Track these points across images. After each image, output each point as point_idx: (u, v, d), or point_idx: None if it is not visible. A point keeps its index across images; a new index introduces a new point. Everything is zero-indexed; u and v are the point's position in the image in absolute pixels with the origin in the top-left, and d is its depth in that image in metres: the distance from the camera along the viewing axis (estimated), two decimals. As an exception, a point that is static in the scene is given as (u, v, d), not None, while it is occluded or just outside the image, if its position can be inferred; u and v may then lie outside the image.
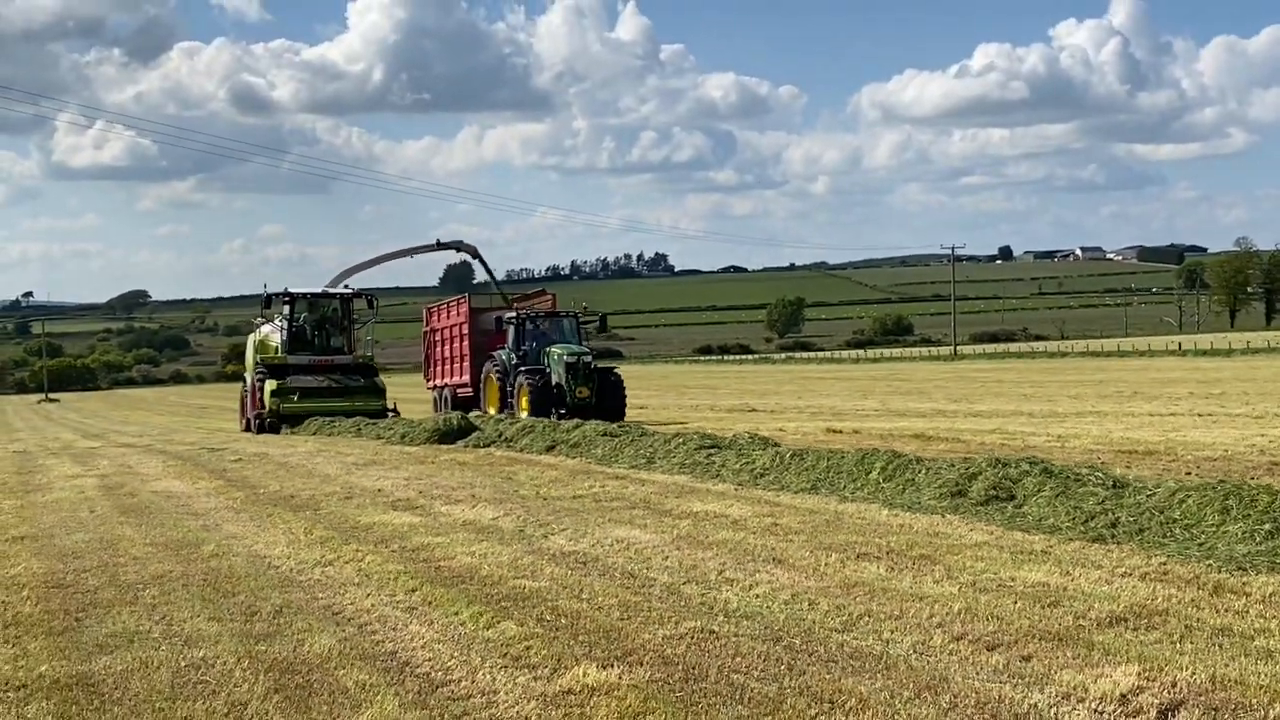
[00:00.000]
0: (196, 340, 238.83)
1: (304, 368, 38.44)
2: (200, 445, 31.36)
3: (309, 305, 39.91)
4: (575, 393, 33.22)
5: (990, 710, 6.81)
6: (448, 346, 42.08)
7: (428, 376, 44.35)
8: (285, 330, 39.22)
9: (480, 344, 38.84)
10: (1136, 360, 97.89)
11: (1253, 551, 10.43)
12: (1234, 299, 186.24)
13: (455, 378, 40.86)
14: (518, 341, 35.40)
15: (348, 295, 41.24)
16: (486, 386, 36.34)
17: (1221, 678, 7.12)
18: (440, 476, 19.61)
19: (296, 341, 39.24)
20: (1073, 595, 9.38)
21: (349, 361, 39.45)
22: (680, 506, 14.91)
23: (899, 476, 15.36)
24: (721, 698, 7.19)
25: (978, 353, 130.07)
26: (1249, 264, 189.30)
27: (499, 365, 35.55)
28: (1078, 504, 12.81)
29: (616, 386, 34.62)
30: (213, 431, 42.18)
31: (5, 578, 11.93)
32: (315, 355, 39.08)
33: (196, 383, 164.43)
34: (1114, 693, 6.94)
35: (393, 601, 10.17)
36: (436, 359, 43.33)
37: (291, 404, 37.16)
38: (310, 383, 37.93)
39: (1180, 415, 32.54)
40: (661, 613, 9.34)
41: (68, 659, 8.66)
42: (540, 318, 36.68)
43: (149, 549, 13.39)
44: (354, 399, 37.73)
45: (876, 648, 8.14)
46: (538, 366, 34.36)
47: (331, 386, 38.14)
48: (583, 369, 33.63)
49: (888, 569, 10.63)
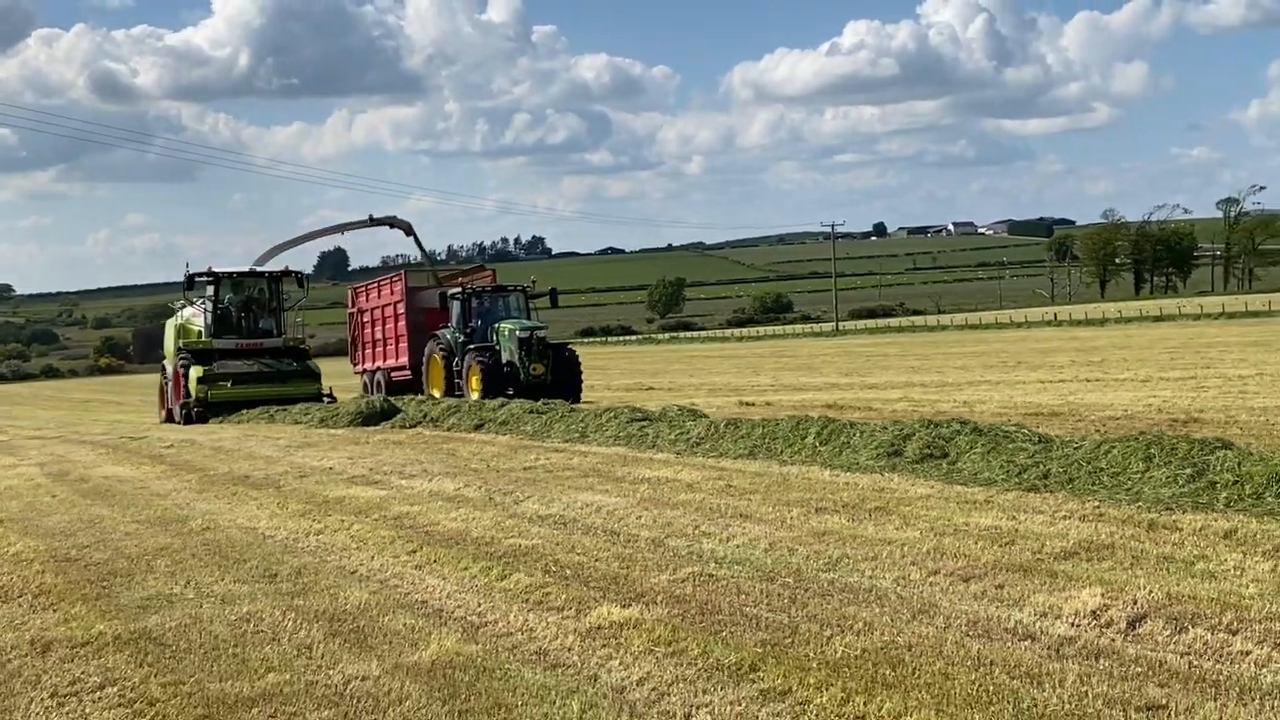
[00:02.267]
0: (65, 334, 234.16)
1: (231, 352, 36.65)
2: (116, 435, 31.48)
3: (234, 285, 38.09)
4: (530, 370, 31.94)
5: (982, 627, 7.80)
6: (379, 328, 40.28)
7: (355, 360, 42.74)
8: (210, 313, 37.34)
9: (418, 324, 37.17)
10: (1014, 331, 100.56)
11: (1177, 494, 11.56)
12: (1103, 270, 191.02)
13: (390, 360, 39.25)
14: (464, 319, 33.72)
15: (276, 274, 39.52)
16: (430, 368, 34.91)
17: (1175, 594, 8.18)
18: (382, 455, 20.22)
19: (222, 324, 37.36)
20: (1024, 535, 10.41)
21: (279, 344, 37.67)
22: (631, 474, 15.74)
23: (835, 440, 16.32)
24: (741, 625, 8.11)
25: (859, 328, 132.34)
26: (1117, 235, 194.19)
27: (444, 345, 34.07)
28: (1009, 459, 13.89)
29: (572, 363, 33.43)
30: (113, 424, 41.98)
31: (8, 555, 12.48)
32: (243, 339, 37.26)
33: (69, 376, 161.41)
34: (1085, 609, 7.95)
35: (400, 561, 10.94)
36: (366, 341, 41.56)
37: (221, 391, 35.49)
38: (239, 368, 36.21)
39: (1069, 381, 34.07)
40: (656, 562, 10.23)
41: (118, 619, 9.32)
42: (487, 293, 35.05)
43: (136, 525, 13.97)
44: (287, 384, 36.11)
45: (864, 583, 9.12)
46: (487, 344, 32.94)
47: (263, 371, 36.47)
48: (537, 345, 32.34)
49: (849, 520, 11.60)
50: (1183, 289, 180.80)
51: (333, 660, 7.85)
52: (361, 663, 7.74)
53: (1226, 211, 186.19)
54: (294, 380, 36.44)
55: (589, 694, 6.88)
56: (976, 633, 7.70)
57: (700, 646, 7.62)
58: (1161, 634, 7.41)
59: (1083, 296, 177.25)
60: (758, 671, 7.08)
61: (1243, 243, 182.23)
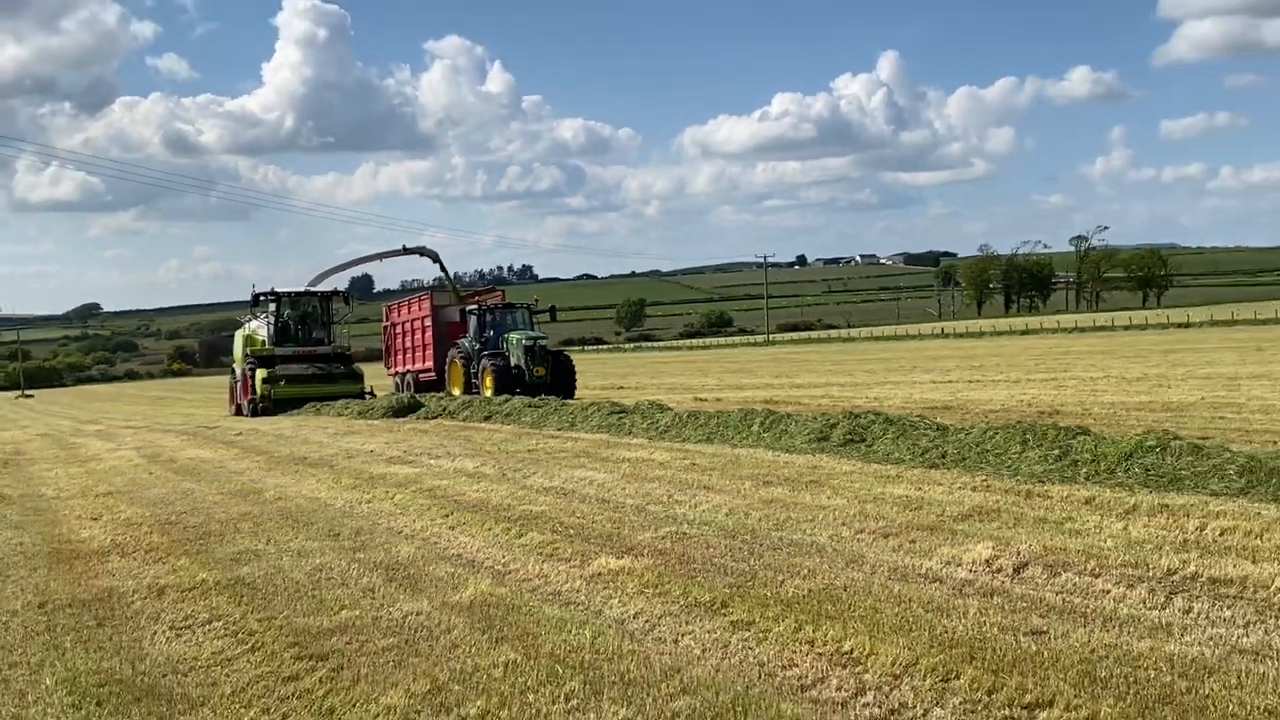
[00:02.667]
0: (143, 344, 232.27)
1: (290, 357, 36.36)
2: (193, 425, 31.35)
3: (292, 303, 37.72)
4: (533, 372, 31.74)
5: (900, 572, 8.02)
6: (410, 337, 39.75)
7: (389, 364, 41.94)
8: (272, 325, 37.09)
9: (441, 334, 37.08)
10: (910, 342, 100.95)
11: (1047, 469, 11.80)
12: (980, 293, 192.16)
13: (418, 364, 38.68)
14: (480, 330, 33.81)
15: (327, 294, 39.16)
16: (451, 370, 34.58)
17: (1050, 547, 8.41)
18: (412, 441, 20.27)
19: (282, 335, 37.09)
20: (929, 502, 10.62)
21: (329, 351, 37.38)
22: (615, 454, 15.89)
23: (775, 428, 16.53)
24: (712, 572, 8.30)
25: (786, 339, 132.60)
26: (991, 265, 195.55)
27: (463, 351, 33.90)
28: (914, 442, 14.12)
29: (568, 367, 33.35)
30: (187, 417, 41.75)
31: (120, 519, 12.52)
32: (299, 346, 36.95)
33: (147, 378, 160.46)
34: (980, 559, 8.18)
35: (436, 524, 11.05)
36: (398, 349, 40.90)
37: (281, 389, 35.14)
38: (297, 370, 35.96)
39: (955, 382, 34.30)
40: (640, 523, 10.39)
41: (216, 569, 9.43)
42: (499, 309, 35.02)
43: (221, 496, 14.01)
44: (336, 384, 35.88)
45: (805, 539, 9.31)
46: (498, 351, 32.82)
47: (316, 373, 36.20)
48: (539, 351, 32.18)
49: (789, 490, 11.80)
50: (1043, 308, 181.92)
51: (391, 600, 8.00)
52: (415, 601, 7.89)
53: (1078, 247, 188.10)
54: (342, 381, 36.23)
55: (596, 624, 7.07)
56: (896, 577, 7.92)
57: (681, 588, 7.81)
58: (1040, 577, 7.64)
59: (964, 314, 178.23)
60: (727, 608, 7.26)
61: (1090, 271, 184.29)
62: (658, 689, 5.73)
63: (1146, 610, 6.71)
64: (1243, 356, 40.05)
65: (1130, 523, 9.11)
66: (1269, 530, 8.38)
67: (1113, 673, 5.58)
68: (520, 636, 6.87)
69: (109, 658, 7.01)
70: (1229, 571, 7.34)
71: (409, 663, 6.45)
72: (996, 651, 6.03)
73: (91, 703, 6.15)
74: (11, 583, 9.44)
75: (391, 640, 6.95)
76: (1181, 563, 7.67)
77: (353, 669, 6.40)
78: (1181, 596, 6.92)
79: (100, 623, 7.92)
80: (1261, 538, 8.20)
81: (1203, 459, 11.00)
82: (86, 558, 10.42)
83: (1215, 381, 26.83)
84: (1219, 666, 5.59)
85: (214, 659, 6.86)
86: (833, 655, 6.19)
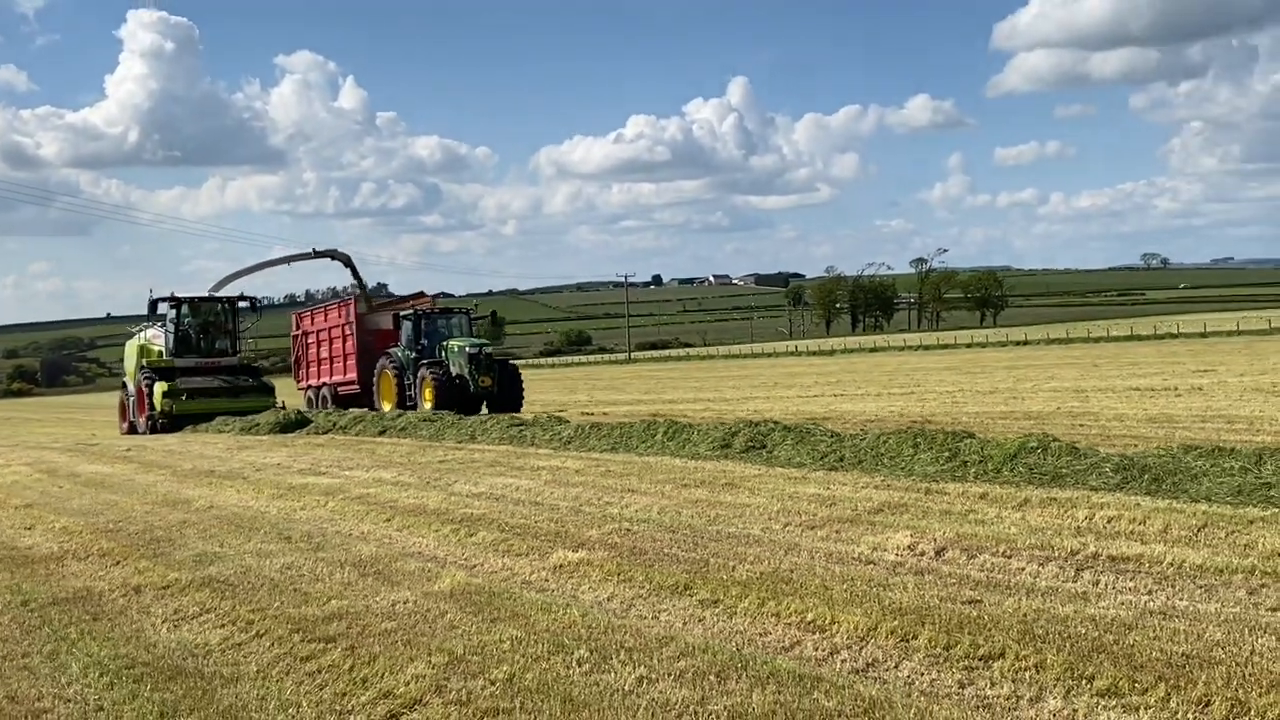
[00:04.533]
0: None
1: (192, 369, 33.63)
2: (70, 443, 30.64)
3: (193, 310, 34.84)
4: (479, 382, 29.44)
5: (836, 557, 8.83)
6: (326, 347, 36.79)
7: (300, 378, 38.87)
8: (171, 334, 34.20)
9: (366, 343, 34.37)
10: (765, 359, 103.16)
11: (939, 470, 12.76)
12: (828, 312, 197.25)
13: (337, 376, 35.87)
14: (415, 337, 31.10)
15: (232, 299, 36.06)
16: (381, 382, 32.12)
17: (962, 534, 9.30)
18: (314, 454, 20.39)
19: (183, 345, 34.27)
20: (839, 499, 11.45)
21: (235, 363, 34.78)
22: (527, 464, 16.37)
23: (679, 437, 17.23)
24: (666, 561, 8.99)
25: (647, 357, 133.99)
26: (838, 286, 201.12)
27: (395, 361, 31.35)
28: (813, 447, 14.98)
29: (515, 377, 30.93)
30: (50, 435, 40.65)
31: (57, 528, 12.63)
32: (202, 358, 34.17)
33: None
34: (903, 545, 9.02)
35: (382, 527, 11.47)
36: (312, 360, 37.89)
37: (183, 404, 32.32)
38: (201, 383, 33.20)
39: (822, 395, 35.65)
40: (582, 522, 11.00)
41: (183, 570, 9.75)
42: (436, 315, 32.37)
43: (148, 506, 14.11)
44: (245, 398, 33.07)
45: (740, 532, 10.06)
46: (437, 360, 30.23)
47: (222, 387, 33.43)
48: (484, 359, 29.88)
49: (709, 492, 12.52)
50: (887, 327, 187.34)
51: (374, 591, 8.49)
52: (397, 591, 8.40)
53: (918, 269, 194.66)
54: (251, 395, 33.56)
55: (578, 606, 7.69)
56: (833, 560, 8.71)
57: (643, 575, 8.47)
58: (960, 559, 8.52)
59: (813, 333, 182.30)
60: (691, 590, 7.95)
61: (931, 292, 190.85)
62: (659, 653, 6.41)
63: (1061, 583, 7.63)
64: (1082, 372, 42.39)
65: (1026, 513, 10.07)
66: (1149, 518, 9.42)
67: (1048, 630, 6.45)
68: (512, 617, 7.46)
69: (121, 645, 7.39)
70: (1124, 550, 8.32)
71: (418, 640, 6.99)
72: (943, 617, 6.86)
73: (127, 681, 6.55)
74: (-20, 585, 9.62)
75: (391, 624, 7.47)
76: (1081, 545, 8.63)
77: (365, 648, 6.92)
78: (1088, 572, 7.86)
79: (95, 617, 8.25)
80: (1144, 524, 9.23)
81: (1080, 459, 12.10)
82: (42, 562, 10.62)
83: (1065, 394, 28.58)
84: (1136, 623, 6.50)
85: (224, 644, 7.30)
86: (800, 624, 6.94)
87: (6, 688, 6.60)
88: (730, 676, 5.92)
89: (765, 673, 5.96)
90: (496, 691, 5.89)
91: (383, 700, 5.91)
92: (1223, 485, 10.35)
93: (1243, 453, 11.48)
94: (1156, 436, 16.00)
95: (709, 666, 6.11)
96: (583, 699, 5.69)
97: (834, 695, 5.56)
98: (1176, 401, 23.55)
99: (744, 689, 5.71)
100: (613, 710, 5.51)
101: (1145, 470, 11.25)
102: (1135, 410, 21.50)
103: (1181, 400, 23.87)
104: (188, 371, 33.58)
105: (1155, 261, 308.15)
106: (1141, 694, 5.35)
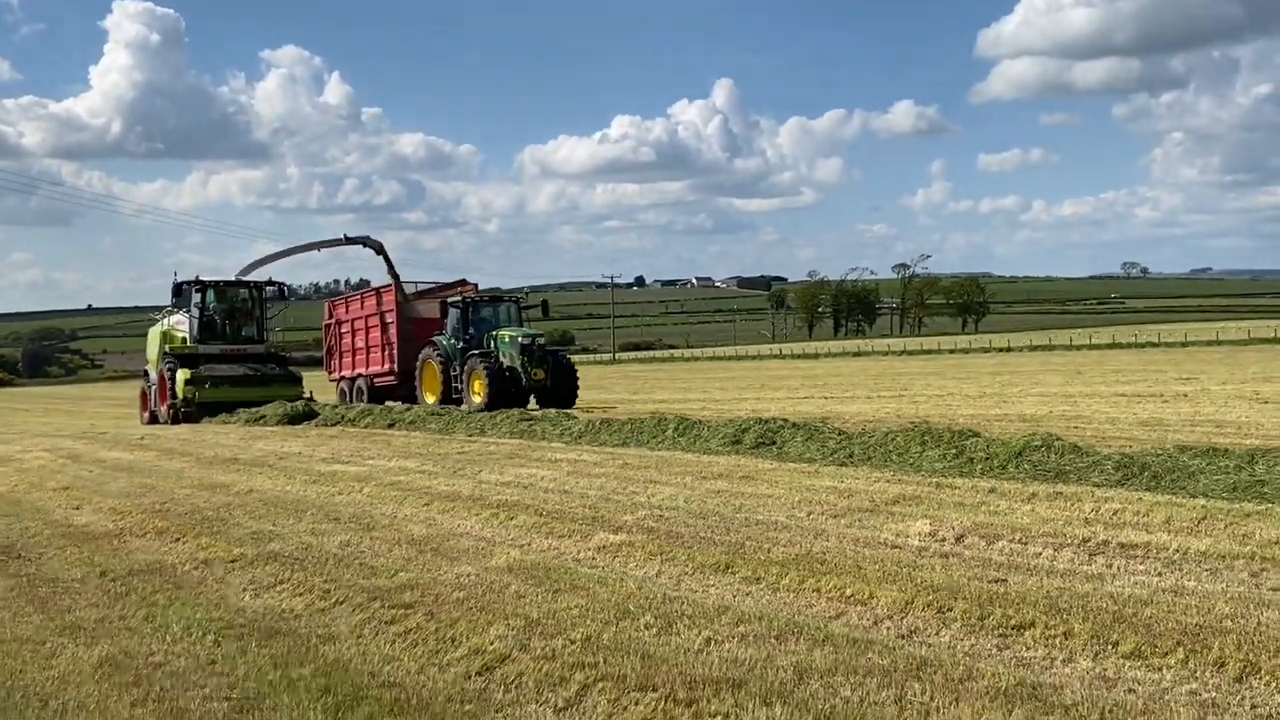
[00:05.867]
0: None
1: (216, 357, 32.44)
2: (78, 431, 30.99)
3: (219, 294, 33.66)
4: (531, 374, 28.05)
5: (863, 541, 9.45)
6: (363, 336, 35.13)
7: (332, 368, 37.27)
8: (196, 320, 32.90)
9: (406, 332, 32.69)
10: (750, 362, 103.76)
11: (947, 466, 13.42)
12: (811, 316, 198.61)
13: (375, 367, 34.33)
14: (463, 327, 29.55)
15: (259, 284, 34.73)
16: (424, 373, 30.54)
17: (978, 523, 9.93)
18: (331, 445, 20.76)
19: (208, 331, 33.03)
20: (855, 492, 12.06)
21: (262, 351, 33.61)
22: (545, 456, 16.92)
23: (689, 433, 17.84)
24: (703, 544, 9.59)
25: (631, 358, 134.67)
26: (821, 290, 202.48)
27: (440, 351, 29.72)
28: (822, 444, 15.62)
29: (570, 371, 29.48)
30: (53, 425, 40.94)
31: (106, 508, 13.16)
32: (227, 345, 33.02)
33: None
34: (924, 532, 9.66)
35: (423, 511, 11.99)
36: (346, 350, 36.36)
37: (207, 392, 31.13)
38: (226, 371, 31.97)
39: (812, 398, 36.15)
40: (614, 508, 11.58)
41: (245, 546, 10.30)
42: (485, 303, 30.86)
43: (188, 490, 14.62)
44: (271, 386, 31.81)
45: (768, 519, 10.66)
46: (487, 350, 28.80)
47: (248, 375, 32.21)
48: (538, 351, 28.41)
49: (729, 484, 13.11)
50: (869, 332, 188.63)
51: (435, 566, 9.08)
52: (458, 566, 8.99)
53: (901, 274, 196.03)
54: (277, 384, 32.36)
55: (631, 580, 8.31)
56: (861, 545, 9.34)
57: (685, 555, 9.09)
58: (980, 545, 9.15)
59: (795, 337, 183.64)
60: (732, 569, 8.57)
61: (914, 298, 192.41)
62: (718, 619, 7.03)
63: (1077, 566, 8.29)
64: (1067, 378, 43.17)
65: (1035, 506, 10.71)
66: (1151, 511, 10.08)
67: (1072, 604, 7.10)
68: (572, 589, 8.07)
69: (211, 610, 7.97)
70: (1132, 539, 8.98)
71: (491, 608, 7.60)
72: (974, 593, 7.50)
73: (231, 639, 7.14)
74: (53, 559, 10.20)
75: (461, 594, 8.06)
76: (1091, 533, 9.29)
77: (444, 613, 7.52)
78: (1101, 557, 8.52)
79: (177, 585, 8.83)
80: (1148, 516, 9.89)
81: (1083, 457, 12.79)
82: (104, 538, 11.17)
83: (1053, 399, 29.32)
84: (1150, 599, 7.16)
85: (309, 610, 7.89)
86: (841, 598, 7.57)
87: (117, 645, 7.18)
88: (789, 639, 6.55)
89: (820, 636, 6.60)
90: (577, 649, 6.50)
91: (475, 656, 6.51)
92: (1219, 482, 11.04)
93: (1236, 453, 12.20)
94: (1150, 439, 16.68)
95: (767, 631, 6.74)
96: (659, 655, 6.31)
97: (886, 655, 6.20)
98: (1164, 407, 24.30)
99: (804, 649, 6.34)
100: (689, 664, 6.13)
101: (1145, 468, 11.93)
102: (1126, 415, 22.22)
103: (1169, 406, 24.62)
104: (212, 359, 32.43)
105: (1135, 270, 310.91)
106: (1162, 657, 6.00)
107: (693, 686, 5.73)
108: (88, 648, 7.14)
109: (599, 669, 6.11)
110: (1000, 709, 5.29)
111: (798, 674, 5.90)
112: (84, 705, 5.96)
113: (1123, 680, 5.72)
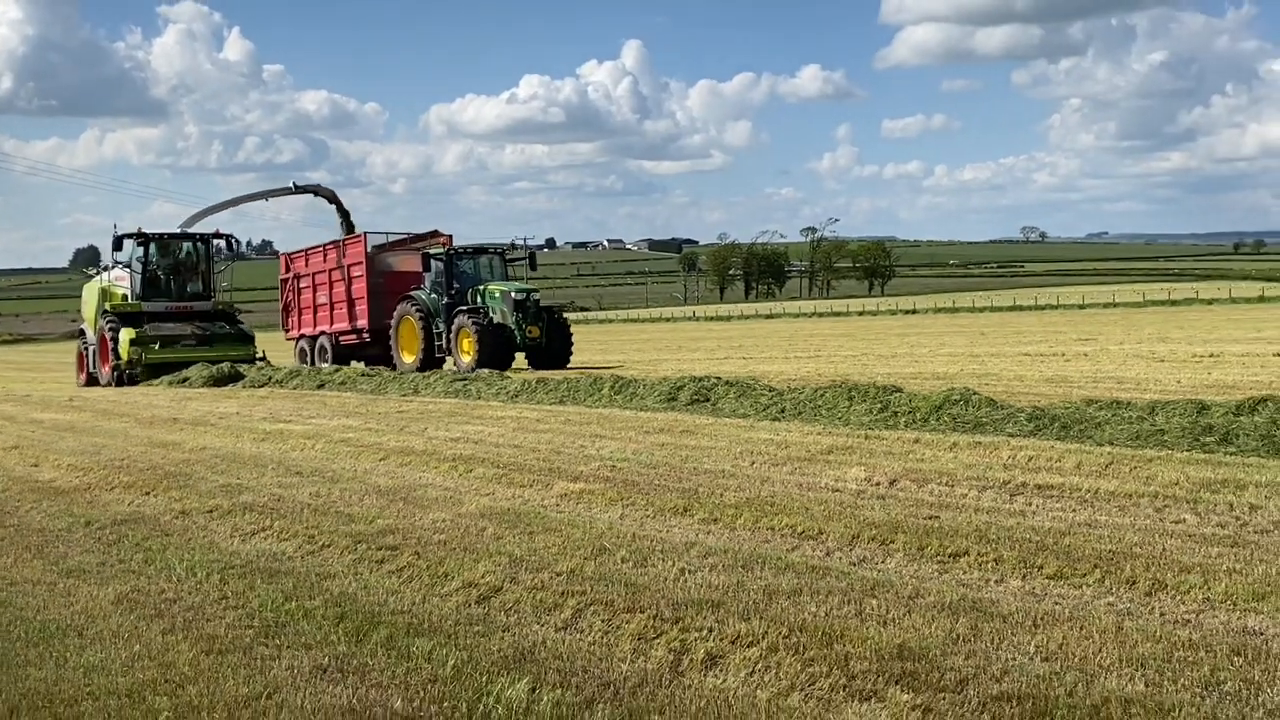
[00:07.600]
0: None
1: (161, 315, 30.69)
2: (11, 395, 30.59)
3: (162, 248, 31.84)
4: (526, 332, 26.71)
5: (805, 486, 10.22)
6: (326, 291, 32.71)
7: (289, 326, 34.86)
8: (139, 275, 31.06)
9: (377, 286, 30.75)
10: (665, 325, 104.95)
11: (874, 419, 14.24)
12: (722, 279, 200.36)
13: (339, 324, 32.08)
14: (447, 280, 27.72)
15: (205, 236, 32.91)
16: (402, 331, 28.70)
17: (908, 469, 10.74)
18: (266, 406, 20.97)
19: (151, 287, 31.24)
20: (792, 443, 12.80)
21: (209, 308, 31.95)
22: (486, 414, 17.41)
23: (625, 391, 18.53)
24: (659, 490, 10.28)
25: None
26: (731, 253, 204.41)
27: (420, 306, 27.90)
28: (755, 400, 16.41)
29: (564, 329, 28.17)
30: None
31: (65, 465, 13.46)
32: (172, 302, 31.37)
33: None
34: (860, 477, 10.43)
35: (381, 466, 12.48)
36: (306, 306, 33.88)
37: (154, 353, 29.59)
38: (172, 330, 30.38)
39: (730, 359, 36.88)
40: (567, 460, 12.20)
41: (217, 497, 10.73)
42: (469, 255, 29.06)
43: (142, 448, 14.90)
44: (220, 347, 30.47)
45: (714, 468, 11.38)
46: (475, 306, 27.22)
47: (196, 333, 30.70)
48: (533, 307, 27.03)
49: (671, 437, 13.80)
50: (779, 295, 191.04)
51: (409, 514, 9.63)
52: (432, 513, 9.56)
53: (810, 238, 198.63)
54: (227, 343, 31.07)
55: (600, 522, 8.97)
56: (804, 489, 10.10)
57: (644, 500, 9.77)
58: (911, 488, 9.96)
59: (707, 299, 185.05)
60: (690, 511, 9.26)
61: (822, 261, 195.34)
62: (689, 552, 7.74)
63: (1000, 504, 9.14)
64: (971, 340, 44.63)
65: (957, 454, 11.57)
66: (1063, 457, 10.99)
67: (999, 536, 7.93)
68: (546, 530, 8.71)
69: (207, 553, 8.48)
70: (1048, 481, 9.86)
71: (474, 548, 8.22)
72: (911, 527, 8.30)
73: (235, 577, 7.68)
74: (31, 510, 10.60)
75: (441, 536, 8.66)
76: (1010, 476, 10.15)
77: (430, 553, 8.12)
78: (1021, 496, 9.38)
79: (164, 533, 9.31)
80: (1060, 461, 10.80)
81: (998, 410, 13.72)
82: (74, 492, 11.55)
83: (962, 358, 30.53)
84: (1069, 531, 8.02)
85: (300, 552, 8.44)
86: (794, 534, 8.32)
87: (127, 584, 7.68)
88: (754, 568, 7.28)
89: (782, 565, 7.34)
90: (564, 580, 7.16)
91: (469, 587, 7.14)
92: (1123, 431, 12.02)
93: (1138, 405, 13.22)
94: (1056, 394, 17.69)
95: (734, 561, 7.46)
96: (640, 583, 7.00)
97: (842, 579, 6.96)
98: (1067, 366, 25.54)
99: (769, 575, 7.08)
100: (669, 589, 6.82)
101: (1055, 420, 12.88)
102: (1032, 373, 23.37)
103: (1071, 364, 25.88)
104: (157, 317, 30.78)
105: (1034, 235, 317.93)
106: (1082, 577, 6.83)
107: (676, 607, 6.43)
108: (99, 587, 7.62)
109: (588, 595, 6.78)
110: (948, 618, 6.07)
111: (767, 595, 6.63)
112: (118, 634, 6.48)
113: (1049, 595, 6.54)
